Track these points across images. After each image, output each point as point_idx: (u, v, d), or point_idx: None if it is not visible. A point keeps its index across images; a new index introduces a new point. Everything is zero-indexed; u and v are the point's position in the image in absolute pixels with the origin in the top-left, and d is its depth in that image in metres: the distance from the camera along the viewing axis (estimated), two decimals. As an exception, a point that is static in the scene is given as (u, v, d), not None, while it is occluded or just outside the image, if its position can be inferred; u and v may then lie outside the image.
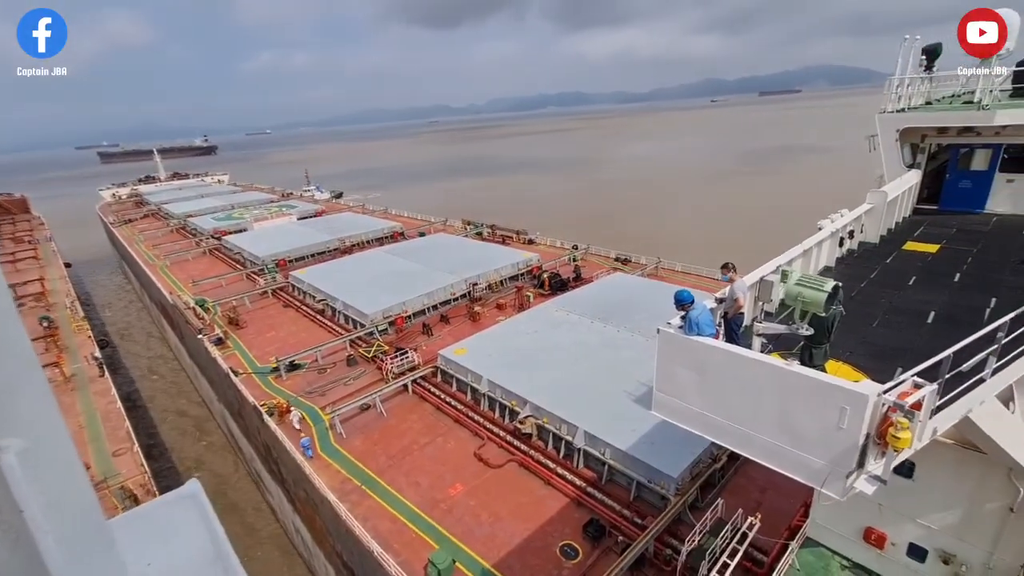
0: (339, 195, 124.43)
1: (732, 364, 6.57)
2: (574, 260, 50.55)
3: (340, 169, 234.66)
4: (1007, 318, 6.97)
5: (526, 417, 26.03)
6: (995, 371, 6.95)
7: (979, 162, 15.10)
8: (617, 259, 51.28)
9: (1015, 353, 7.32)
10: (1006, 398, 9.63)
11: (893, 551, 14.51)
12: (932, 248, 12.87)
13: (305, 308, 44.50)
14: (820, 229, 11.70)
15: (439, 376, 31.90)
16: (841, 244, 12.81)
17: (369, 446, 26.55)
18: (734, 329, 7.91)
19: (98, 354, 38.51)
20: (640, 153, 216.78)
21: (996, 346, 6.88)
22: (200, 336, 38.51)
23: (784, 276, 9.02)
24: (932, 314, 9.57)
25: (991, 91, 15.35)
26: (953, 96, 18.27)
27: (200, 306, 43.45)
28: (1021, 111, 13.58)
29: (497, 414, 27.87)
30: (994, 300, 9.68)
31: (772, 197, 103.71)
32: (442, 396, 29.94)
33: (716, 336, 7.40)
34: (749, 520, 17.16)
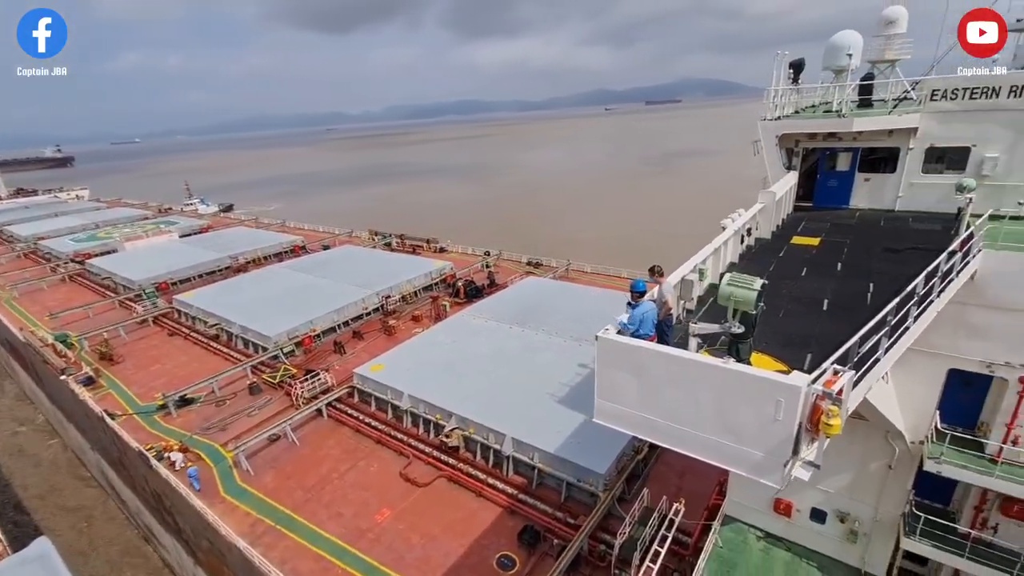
0: (228, 208, 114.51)
1: (671, 366, 6.73)
2: (487, 266, 50.60)
3: (229, 180, 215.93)
4: (892, 305, 7.90)
5: (452, 430, 25.38)
6: (887, 350, 7.84)
7: (842, 163, 17.28)
8: (529, 263, 52.15)
9: (898, 334, 8.32)
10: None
11: (798, 517, 15.96)
12: (815, 241, 14.44)
13: (195, 335, 40.04)
14: (724, 228, 12.61)
15: (356, 396, 30.19)
16: (742, 241, 13.93)
17: (282, 480, 24.34)
18: (665, 331, 8.18)
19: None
20: (546, 159, 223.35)
21: (887, 328, 7.77)
22: (64, 377, 33.13)
23: (702, 275, 9.45)
24: (826, 302, 10.67)
25: (843, 102, 17.64)
26: (814, 106, 20.66)
27: (61, 342, 37.43)
28: (872, 119, 15.74)
29: (421, 430, 26.92)
30: (872, 285, 11.03)
31: (670, 197, 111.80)
32: (361, 417, 28.32)
33: (653, 338, 7.60)
34: (674, 506, 18.01)
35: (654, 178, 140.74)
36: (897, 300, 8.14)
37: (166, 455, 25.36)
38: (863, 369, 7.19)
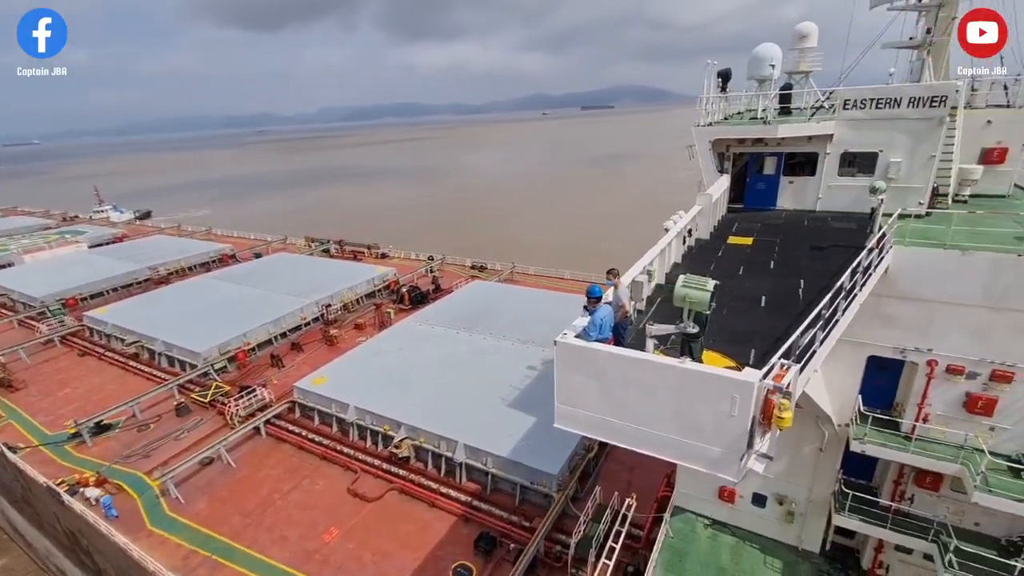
0: (146, 215, 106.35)
1: (630, 368, 6.84)
2: (431, 271, 49.92)
3: (146, 185, 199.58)
4: (826, 300, 8.49)
5: (402, 440, 24.72)
6: (822, 343, 8.41)
7: (769, 167, 18.44)
8: (473, 267, 51.96)
9: (831, 327, 8.96)
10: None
11: (741, 503, 16.80)
12: (749, 241, 15.30)
13: (111, 355, 36.64)
14: (667, 230, 13.08)
15: (297, 411, 28.75)
16: (684, 242, 14.51)
17: (217, 507, 22.71)
18: (621, 333, 8.33)
19: None
20: (489, 162, 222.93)
21: (822, 322, 8.34)
22: (-50, 409, 29.30)
23: (650, 276, 9.69)
24: (763, 299, 11.30)
25: (767, 109, 18.86)
26: (740, 113, 21.93)
27: (-54, 369, 33.13)
28: (793, 126, 16.90)
29: (369, 442, 26.03)
30: (802, 282, 11.81)
31: (610, 198, 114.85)
32: (303, 433, 26.99)
33: (611, 341, 7.70)
34: (627, 501, 18.43)
35: (595, 180, 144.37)
36: (830, 296, 8.74)
37: (80, 489, 23.00)
38: (803, 362, 7.65)
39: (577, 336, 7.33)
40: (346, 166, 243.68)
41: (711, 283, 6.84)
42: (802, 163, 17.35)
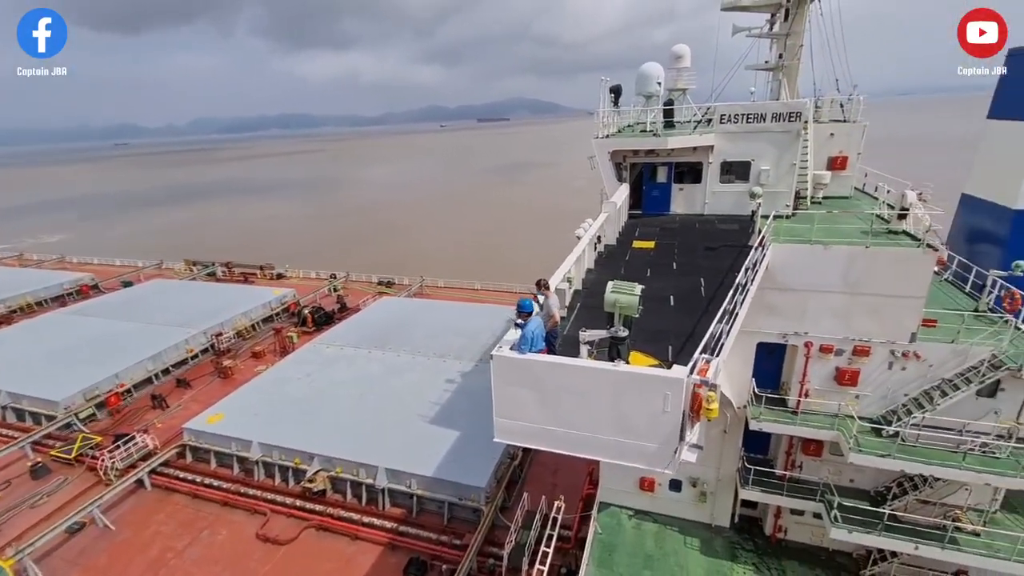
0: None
1: (567, 375, 6.99)
2: (335, 290, 47.48)
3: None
4: (729, 296, 9.34)
5: (316, 472, 23.12)
6: (727, 335, 9.22)
7: (661, 176, 20.04)
8: (380, 283, 50.31)
9: (733, 319, 9.86)
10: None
11: (660, 490, 17.84)
12: (651, 245, 16.45)
13: (-65, 414, 30.20)
14: (579, 238, 13.63)
15: (189, 456, 25.74)
16: (595, 248, 15.21)
17: (95, 579, 19.57)
18: (552, 342, 8.48)
19: None
20: (390, 174, 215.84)
21: (727, 316, 9.16)
22: None
23: (570, 283, 10.01)
24: (672, 298, 12.17)
25: (655, 123, 20.51)
26: (631, 126, 23.57)
27: None
28: (680, 138, 18.55)
29: (278, 480, 23.99)
30: (702, 280, 12.91)
31: (513, 208, 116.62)
32: (198, 480, 24.18)
33: (544, 351, 7.81)
34: (555, 504, 18.77)
35: (497, 190, 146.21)
36: (732, 292, 9.63)
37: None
38: (716, 354, 8.33)
39: (512, 349, 7.35)
40: (230, 180, 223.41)
41: (639, 288, 7.23)
42: (689, 172, 19.04)
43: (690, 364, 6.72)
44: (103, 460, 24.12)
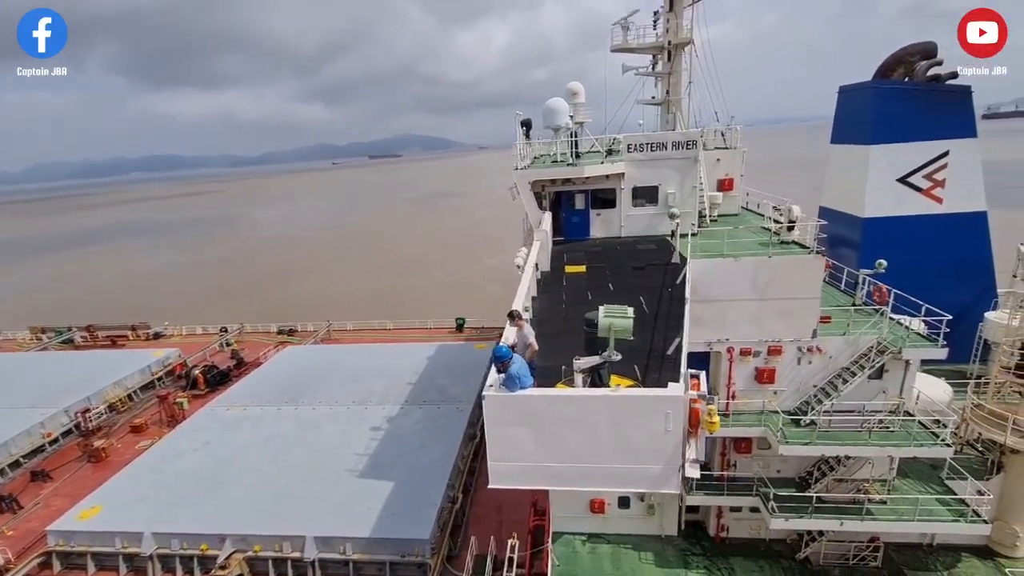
0: None
1: (565, 406, 6.74)
2: (228, 344, 42.82)
3: None
4: (682, 314, 9.81)
5: (229, 556, 20.11)
6: (685, 349, 9.65)
7: (579, 203, 20.95)
8: (281, 332, 46.34)
9: (683, 334, 10.36)
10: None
11: (610, 510, 17.93)
12: (582, 268, 16.96)
13: None
14: (519, 267, 13.62)
15: (57, 565, 21.14)
16: (532, 276, 15.30)
17: None
18: (532, 374, 8.17)
19: None
20: (279, 215, 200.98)
21: (684, 330, 9.60)
22: None
23: (527, 311, 9.87)
24: (620, 318, 12.56)
25: (565, 153, 21.52)
26: (540, 157, 24.48)
27: None
28: (595, 167, 19.59)
29: (182, 573, 20.48)
30: (642, 299, 13.48)
31: (415, 242, 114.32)
32: (72, 592, 19.88)
33: (534, 386, 7.48)
34: (509, 542, 18.05)
35: (398, 225, 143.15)
36: (687, 308, 10.13)
37: None
38: (682, 367, 8.63)
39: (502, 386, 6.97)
40: (86, 231, 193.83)
41: (630, 310, 7.27)
42: (604, 198, 20.11)
43: (681, 380, 6.86)
44: (-71, 591, 18.93)
